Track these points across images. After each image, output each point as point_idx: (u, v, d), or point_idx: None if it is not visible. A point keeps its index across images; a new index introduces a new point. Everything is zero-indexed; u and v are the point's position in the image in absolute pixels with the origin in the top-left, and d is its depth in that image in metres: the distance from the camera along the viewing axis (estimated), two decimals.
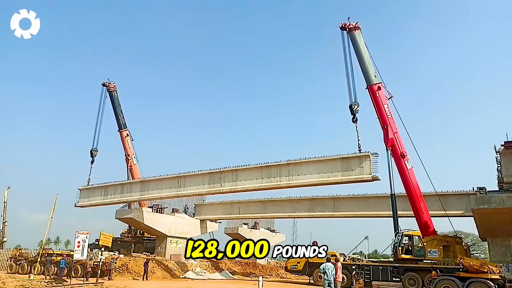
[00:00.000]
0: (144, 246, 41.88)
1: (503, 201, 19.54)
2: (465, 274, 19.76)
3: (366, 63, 25.85)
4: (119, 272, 28.34)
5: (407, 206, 25.92)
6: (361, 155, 23.14)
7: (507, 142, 19.99)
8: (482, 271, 19.23)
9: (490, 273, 19.14)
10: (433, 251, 22.37)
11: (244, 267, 41.89)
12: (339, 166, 23.98)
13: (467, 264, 19.80)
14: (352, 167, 23.47)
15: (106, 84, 40.65)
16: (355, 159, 23.44)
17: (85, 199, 36.50)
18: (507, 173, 20.28)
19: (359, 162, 23.18)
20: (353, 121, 24.75)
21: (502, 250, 22.99)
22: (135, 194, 33.76)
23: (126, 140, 39.94)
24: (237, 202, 39.70)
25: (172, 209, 39.93)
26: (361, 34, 26.54)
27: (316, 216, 35.51)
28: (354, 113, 24.75)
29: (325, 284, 16.17)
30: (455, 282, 19.37)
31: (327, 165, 24.48)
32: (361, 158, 23.13)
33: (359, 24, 26.65)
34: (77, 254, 22.18)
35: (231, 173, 28.30)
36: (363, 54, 26.02)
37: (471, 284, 18.98)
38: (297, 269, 30.67)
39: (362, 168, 22.97)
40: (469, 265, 19.65)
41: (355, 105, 24.87)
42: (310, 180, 24.80)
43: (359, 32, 26.56)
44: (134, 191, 33.94)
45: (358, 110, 24.73)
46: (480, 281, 18.83)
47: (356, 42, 26.35)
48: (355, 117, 24.68)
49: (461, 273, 19.99)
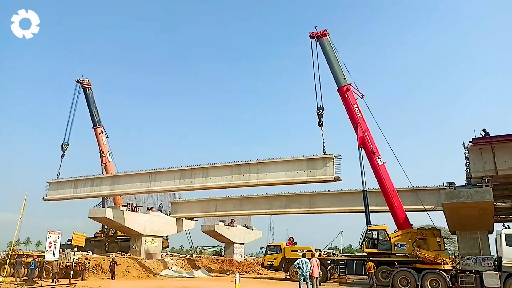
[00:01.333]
0: (118, 246, 41.22)
1: (471, 195, 20.22)
2: (421, 266, 20.71)
3: (335, 67, 26.73)
4: (93, 273, 27.77)
5: (381, 201, 26.58)
6: (325, 157, 24.26)
7: (474, 139, 20.64)
8: (437, 262, 20.27)
9: (444, 264, 20.12)
10: (401, 245, 22.95)
11: (220, 265, 41.87)
12: (305, 166, 24.97)
13: (423, 256, 20.71)
14: (317, 167, 24.55)
15: (80, 81, 40.31)
16: (320, 160, 24.53)
17: (53, 193, 35.54)
18: (475, 168, 20.94)
19: (324, 163, 24.34)
20: (319, 124, 25.66)
21: (471, 242, 23.69)
22: (106, 188, 33.25)
23: (101, 137, 39.70)
24: (213, 199, 39.57)
25: (147, 207, 39.41)
26: (330, 40, 27.33)
27: (292, 212, 35.80)
28: (320, 117, 25.65)
29: (301, 279, 16.39)
30: (412, 273, 20.25)
31: (293, 165, 25.39)
32: (326, 160, 24.27)
33: (327, 30, 27.46)
34: (49, 254, 21.58)
35: (202, 171, 28.67)
36: (332, 59, 26.88)
37: (426, 274, 20.01)
38: (274, 265, 31.01)
39: (326, 169, 24.12)
40: (424, 257, 20.54)
41: (319, 110, 25.80)
42: (278, 179, 25.72)
43: (328, 38, 27.35)
44: (105, 185, 33.44)
45: (323, 114, 25.68)
46: (434, 271, 19.86)
47: (325, 49, 27.21)
48: (321, 121, 25.59)
49: (417, 265, 20.92)
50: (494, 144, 20.31)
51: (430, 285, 19.84)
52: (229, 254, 48.16)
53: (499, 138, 20.16)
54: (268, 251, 32.16)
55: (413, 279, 20.42)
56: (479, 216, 21.65)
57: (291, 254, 29.28)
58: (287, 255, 29.72)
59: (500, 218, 25.82)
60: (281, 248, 30.90)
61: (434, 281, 19.90)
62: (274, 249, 31.72)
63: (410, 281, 20.52)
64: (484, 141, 20.50)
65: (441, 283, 19.69)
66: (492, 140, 20.30)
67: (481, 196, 20.01)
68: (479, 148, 20.80)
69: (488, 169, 20.45)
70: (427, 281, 19.99)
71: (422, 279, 20.10)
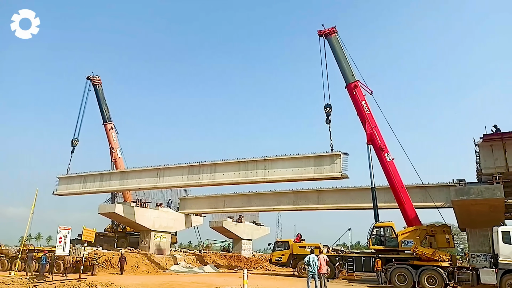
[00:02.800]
0: (127, 241, 41.62)
1: (481, 192, 20.03)
2: (418, 262, 20.81)
3: (343, 64, 26.61)
4: (102, 268, 28.10)
5: (390, 197, 26.43)
6: (333, 154, 24.36)
7: (485, 135, 20.41)
8: (434, 259, 20.30)
9: (441, 261, 20.12)
10: (408, 241, 22.80)
11: (229, 261, 42.03)
12: (312, 163, 25.02)
13: (420, 253, 20.78)
14: (324, 165, 24.64)
15: (90, 78, 40.53)
16: (327, 157, 24.63)
17: (63, 187, 35.96)
18: (485, 165, 20.73)
19: (331, 161, 24.42)
20: (326, 122, 25.65)
21: (481, 240, 23.55)
22: (115, 184, 33.59)
23: (111, 133, 39.93)
24: (221, 195, 39.68)
25: (156, 203, 39.69)
26: (338, 37, 27.17)
27: (300, 209, 35.77)
28: (327, 115, 25.68)
29: (309, 275, 16.39)
30: (409, 270, 20.36)
31: (301, 162, 25.45)
32: (333, 157, 24.36)
33: (335, 27, 27.26)
34: (59, 249, 21.83)
35: (210, 167, 28.83)
36: (340, 56, 26.74)
37: (423, 271, 20.07)
38: (282, 262, 31.03)
39: (333, 167, 24.20)
40: (422, 253, 20.60)
41: (327, 107, 25.82)
42: (285, 176, 25.84)
43: (336, 35, 27.19)
44: (114, 181, 33.79)
45: (331, 112, 25.69)
46: (431, 268, 19.99)
47: (333, 46, 27.08)
48: (328, 119, 25.60)
49: (415, 262, 20.99)
50: (505, 141, 20.06)
51: (427, 282, 19.93)
52: (237, 250, 48.35)
53: (511, 134, 19.89)
54: (276, 247, 32.17)
55: (410, 275, 20.50)
56: (489, 213, 21.45)
57: (299, 250, 29.27)
58: (295, 252, 29.71)
59: (510, 215, 25.54)
60: (289, 245, 30.91)
61: (431, 278, 19.99)
62: (282, 245, 31.73)
63: (407, 278, 20.58)
64: (495, 138, 20.26)
65: (438, 280, 19.76)
66: (503, 136, 20.05)
67: (491, 193, 19.82)
68: (490, 144, 20.58)
69: (499, 165, 20.24)
70: (424, 278, 20.07)
71: (419, 276, 20.19)
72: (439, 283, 19.69)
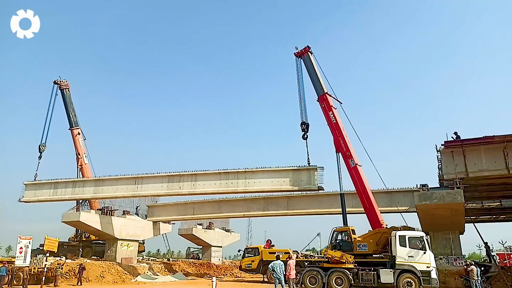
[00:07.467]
0: (93, 250, 40.34)
1: (443, 197, 20.88)
2: (328, 265, 21.75)
3: (314, 79, 28.12)
4: (66, 278, 27.06)
5: (358, 203, 26.98)
6: (310, 168, 26.27)
7: (446, 142, 21.29)
8: (341, 261, 21.19)
9: (347, 263, 21.14)
10: (362, 245, 23.28)
11: (198, 268, 41.57)
12: (290, 176, 26.97)
13: (330, 256, 21.70)
14: (301, 177, 26.53)
15: (57, 82, 39.89)
16: (304, 171, 26.56)
17: (31, 194, 34.51)
18: (446, 170, 21.61)
19: (308, 174, 26.39)
20: (303, 138, 27.15)
21: (443, 243, 24.43)
22: (89, 191, 32.80)
23: (77, 139, 39.36)
24: (191, 202, 39.20)
25: (123, 211, 38.67)
26: (312, 55, 28.77)
27: (270, 215, 35.94)
28: (304, 131, 27.11)
29: (276, 281, 16.47)
30: (319, 272, 21.33)
31: (280, 174, 27.23)
32: (310, 171, 26.30)
33: (309, 48, 28.96)
34: (19, 260, 20.95)
35: (190, 177, 29.37)
36: (312, 73, 28.30)
37: (332, 273, 21.06)
38: (252, 268, 31.01)
39: (310, 179, 26.16)
40: (330, 256, 21.58)
41: (303, 125, 27.29)
42: (265, 187, 27.66)
43: (309, 54, 28.77)
44: (88, 188, 33.02)
45: (307, 129, 27.16)
46: (339, 270, 20.86)
47: (307, 64, 28.78)
48: (305, 135, 27.10)
49: (324, 264, 21.99)
50: (465, 147, 21.00)
51: (335, 283, 20.84)
52: (207, 257, 47.84)
53: (470, 141, 20.85)
54: (246, 254, 32.10)
55: (320, 277, 21.35)
56: (451, 217, 22.34)
57: (268, 256, 29.32)
58: (265, 258, 29.76)
59: (470, 219, 26.63)
60: (258, 251, 30.92)
61: (338, 279, 20.91)
62: (252, 251, 31.71)
63: (318, 280, 21.40)
64: (455, 144, 21.16)
65: (344, 281, 20.66)
66: (463, 143, 20.98)
67: (452, 198, 20.68)
68: (451, 151, 21.46)
69: (459, 171, 21.14)
70: (333, 279, 20.95)
71: (328, 278, 21.07)
72: (345, 284, 20.63)
